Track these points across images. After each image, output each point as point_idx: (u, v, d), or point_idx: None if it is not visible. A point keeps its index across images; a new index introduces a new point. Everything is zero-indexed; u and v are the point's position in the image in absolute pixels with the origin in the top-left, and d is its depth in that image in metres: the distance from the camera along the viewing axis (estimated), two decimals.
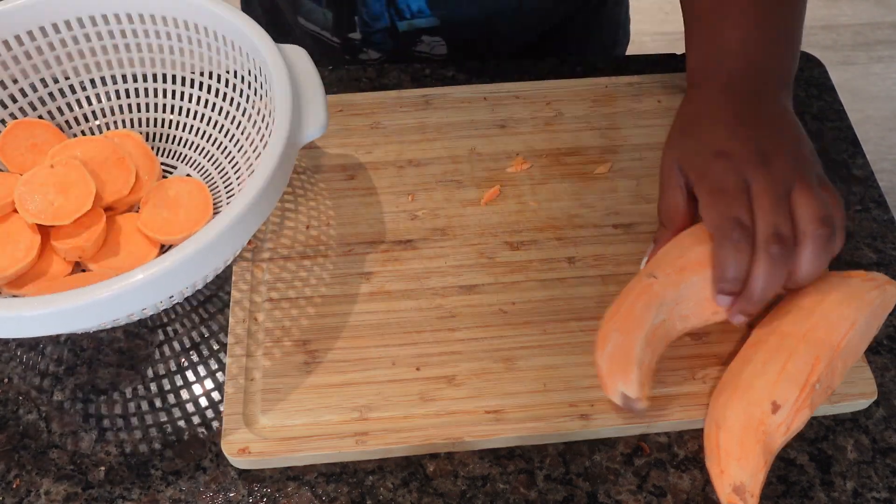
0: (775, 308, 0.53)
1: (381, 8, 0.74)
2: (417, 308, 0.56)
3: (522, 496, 0.50)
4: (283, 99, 0.52)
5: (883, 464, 0.52)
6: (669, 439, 0.52)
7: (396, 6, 0.74)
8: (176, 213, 0.58)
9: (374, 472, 0.51)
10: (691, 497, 0.50)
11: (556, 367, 0.54)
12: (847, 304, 0.50)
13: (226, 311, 0.58)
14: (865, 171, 0.66)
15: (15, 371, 0.56)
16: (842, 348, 0.49)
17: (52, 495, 0.50)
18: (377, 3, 0.74)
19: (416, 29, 0.76)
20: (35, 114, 0.62)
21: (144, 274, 0.44)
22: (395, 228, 0.60)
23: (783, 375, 0.48)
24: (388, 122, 0.67)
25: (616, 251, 0.59)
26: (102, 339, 0.57)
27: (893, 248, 0.61)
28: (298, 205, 0.62)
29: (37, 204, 0.56)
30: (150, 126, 0.65)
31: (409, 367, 0.54)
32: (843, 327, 0.49)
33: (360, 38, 0.78)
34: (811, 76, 0.72)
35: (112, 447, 0.52)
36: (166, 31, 0.60)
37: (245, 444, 0.50)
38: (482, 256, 0.59)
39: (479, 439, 0.51)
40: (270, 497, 0.50)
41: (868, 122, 1.78)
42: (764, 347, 0.50)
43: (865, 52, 1.93)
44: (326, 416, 0.52)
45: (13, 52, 0.59)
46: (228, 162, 0.62)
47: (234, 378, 0.53)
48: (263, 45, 0.54)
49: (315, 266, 0.59)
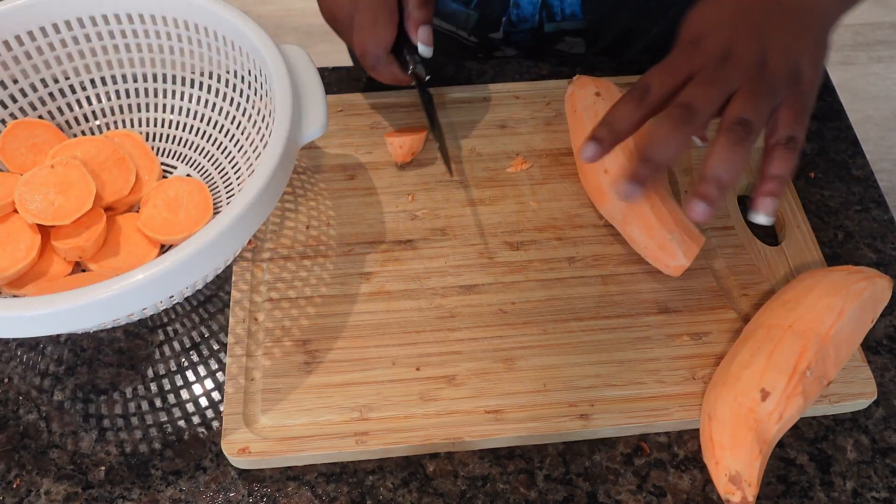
0: (763, 306, 0.53)
1: (533, 10, 0.74)
2: (417, 308, 0.56)
3: (522, 496, 0.50)
4: (283, 99, 0.52)
5: (883, 464, 0.52)
6: (669, 439, 0.52)
7: (550, 9, 0.74)
8: (176, 213, 0.58)
9: (374, 472, 0.51)
10: (691, 497, 0.50)
11: (556, 367, 0.54)
12: (833, 295, 0.51)
13: (226, 311, 0.58)
14: (865, 171, 0.66)
15: (15, 371, 0.56)
16: (831, 336, 0.49)
17: (52, 495, 0.50)
18: (530, 6, 0.74)
19: (562, 30, 0.76)
20: (35, 114, 0.62)
21: (144, 274, 0.44)
22: (395, 228, 0.60)
23: (770, 364, 0.49)
24: (388, 122, 0.67)
25: (616, 251, 0.59)
26: (102, 339, 0.57)
27: (893, 248, 0.61)
28: (298, 205, 0.62)
29: (37, 204, 0.56)
30: (150, 126, 0.65)
31: (409, 367, 0.54)
32: (829, 316, 0.50)
33: (501, 38, 0.78)
34: None
35: (112, 447, 0.52)
36: (166, 31, 0.60)
37: (245, 444, 0.50)
38: (482, 256, 0.59)
39: (479, 439, 0.51)
40: (270, 497, 0.50)
41: (868, 122, 1.78)
42: (751, 341, 0.51)
43: (865, 52, 1.93)
44: (326, 415, 0.52)
45: (13, 52, 0.59)
46: (228, 162, 0.62)
47: (234, 378, 0.53)
48: (263, 45, 0.54)
49: (315, 266, 0.59)
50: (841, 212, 0.63)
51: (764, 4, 0.50)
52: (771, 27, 0.49)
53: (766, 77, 0.47)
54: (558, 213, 0.61)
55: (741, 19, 0.50)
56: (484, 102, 0.68)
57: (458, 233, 0.60)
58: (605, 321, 0.56)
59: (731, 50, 0.48)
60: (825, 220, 0.63)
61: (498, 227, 0.61)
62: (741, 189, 0.63)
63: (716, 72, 0.47)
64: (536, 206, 0.62)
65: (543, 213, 0.61)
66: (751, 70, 0.47)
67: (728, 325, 0.56)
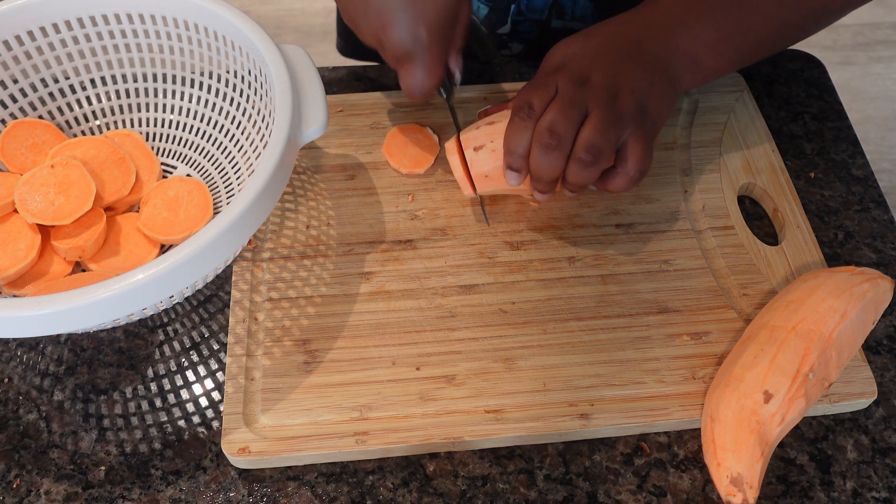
0: (765, 307, 0.53)
1: (543, 4, 0.75)
2: (417, 308, 0.56)
3: (522, 496, 0.50)
4: (283, 99, 0.52)
5: (883, 464, 0.52)
6: (669, 439, 0.52)
7: (560, 7, 0.75)
8: (176, 213, 0.58)
9: (374, 472, 0.51)
10: (691, 497, 0.50)
11: (556, 367, 0.54)
12: (836, 297, 0.51)
13: (226, 311, 0.58)
14: (865, 171, 0.66)
15: (15, 371, 0.56)
16: (834, 339, 0.49)
17: (52, 495, 0.50)
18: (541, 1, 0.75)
19: (569, 28, 0.77)
20: (35, 114, 0.62)
21: (144, 274, 0.44)
22: (395, 228, 0.60)
23: (774, 366, 0.49)
24: (388, 122, 0.67)
25: (616, 251, 0.59)
26: (102, 339, 0.57)
27: (893, 248, 0.61)
28: (298, 205, 0.62)
29: (37, 204, 0.56)
30: (150, 126, 0.65)
31: (409, 366, 0.54)
32: (832, 319, 0.50)
33: (509, 31, 0.78)
34: (811, 76, 0.72)
35: (112, 447, 0.52)
36: (166, 31, 0.60)
37: (245, 444, 0.50)
38: (482, 256, 0.59)
39: (479, 439, 0.51)
40: (270, 497, 0.50)
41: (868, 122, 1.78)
42: (754, 342, 0.51)
43: (865, 52, 1.93)
44: (326, 415, 0.52)
45: (13, 52, 0.59)
46: (228, 162, 0.62)
47: (234, 378, 0.53)
48: (263, 45, 0.54)
49: (315, 266, 0.59)
50: (841, 212, 0.63)
51: (625, 47, 0.56)
52: (627, 67, 0.54)
53: (617, 109, 0.52)
54: (558, 213, 0.61)
55: (602, 54, 0.55)
56: (484, 102, 0.68)
57: (458, 233, 0.60)
58: (605, 321, 0.56)
59: (589, 77, 0.54)
60: (825, 220, 0.63)
61: (498, 227, 0.61)
62: (740, 189, 0.63)
63: (574, 93, 0.53)
64: (536, 206, 0.62)
65: (543, 213, 0.61)
66: (603, 97, 0.52)
67: (728, 325, 0.56)
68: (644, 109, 0.53)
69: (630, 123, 0.53)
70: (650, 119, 0.54)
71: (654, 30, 0.57)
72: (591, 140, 0.51)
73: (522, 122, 0.53)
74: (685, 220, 0.61)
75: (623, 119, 0.52)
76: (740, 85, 0.69)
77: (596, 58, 0.55)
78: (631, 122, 0.53)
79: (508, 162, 0.54)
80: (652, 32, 0.57)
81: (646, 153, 0.53)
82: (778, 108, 0.70)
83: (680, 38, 0.57)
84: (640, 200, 0.62)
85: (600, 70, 0.54)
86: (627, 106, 0.53)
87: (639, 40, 0.56)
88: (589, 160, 0.51)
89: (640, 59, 0.55)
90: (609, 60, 0.55)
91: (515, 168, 0.54)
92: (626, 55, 0.55)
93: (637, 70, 0.55)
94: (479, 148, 0.56)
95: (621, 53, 0.55)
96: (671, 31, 0.57)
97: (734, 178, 0.63)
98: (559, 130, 0.51)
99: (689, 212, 0.61)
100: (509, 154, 0.54)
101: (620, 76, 0.54)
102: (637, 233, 0.60)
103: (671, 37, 0.57)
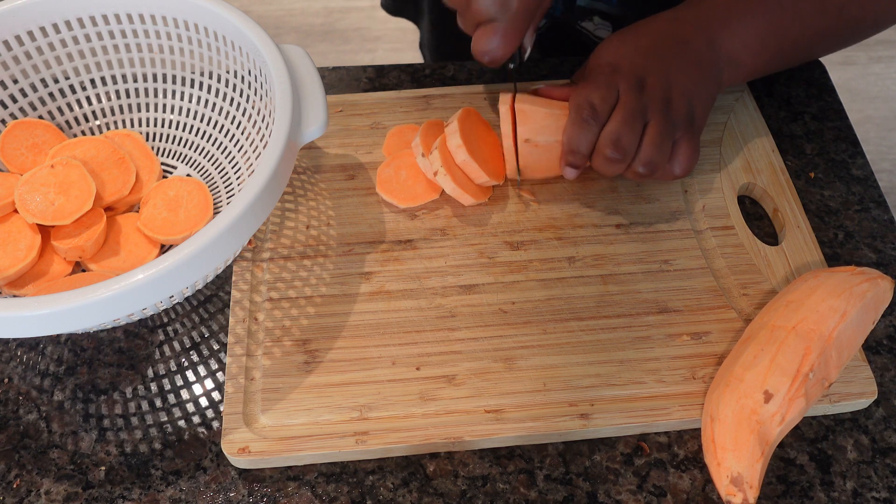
0: (765, 306, 0.53)
1: None
2: (417, 308, 0.56)
3: (522, 496, 0.50)
4: (283, 99, 0.52)
5: (883, 464, 0.52)
6: (669, 439, 0.52)
7: None
8: (176, 213, 0.58)
9: (374, 472, 0.51)
10: (691, 497, 0.50)
11: (556, 367, 0.54)
12: (836, 297, 0.51)
13: (226, 311, 0.58)
14: (865, 171, 0.66)
15: (15, 371, 0.56)
16: (834, 339, 0.49)
17: (52, 495, 0.50)
18: None
19: (594, 9, 0.77)
20: (35, 114, 0.62)
21: (144, 274, 0.44)
22: (395, 228, 0.60)
23: (774, 366, 0.49)
24: (388, 122, 0.67)
25: (616, 251, 0.59)
26: (102, 339, 0.57)
27: (893, 248, 0.61)
28: (298, 205, 0.62)
29: (37, 204, 0.56)
30: (150, 126, 0.65)
31: (409, 366, 0.54)
32: (833, 318, 0.50)
33: None
34: (811, 76, 0.72)
35: (112, 447, 0.52)
36: (166, 31, 0.60)
37: (245, 444, 0.50)
38: (482, 256, 0.59)
39: (479, 439, 0.51)
40: (270, 497, 0.50)
41: (868, 122, 1.78)
42: (754, 342, 0.51)
43: (865, 53, 1.93)
44: (326, 415, 0.52)
45: (13, 52, 0.59)
46: (228, 162, 0.62)
47: (234, 377, 0.53)
48: (263, 45, 0.54)
49: (315, 266, 0.59)
50: (841, 212, 0.63)
51: (674, 46, 0.58)
52: (678, 68, 0.57)
53: (671, 116, 0.55)
54: (558, 213, 0.61)
55: (655, 54, 0.57)
56: (484, 103, 0.68)
57: (458, 233, 0.60)
58: (605, 321, 0.56)
59: (646, 81, 0.56)
60: (825, 220, 0.63)
61: (498, 228, 0.61)
62: (740, 189, 0.63)
63: (636, 102, 0.55)
64: (536, 206, 0.62)
65: (543, 213, 0.61)
66: (660, 106, 0.55)
67: (728, 325, 0.56)
68: (693, 111, 0.57)
69: (681, 127, 0.56)
70: (698, 120, 0.57)
71: (699, 28, 0.59)
72: (650, 157, 0.55)
73: (586, 124, 0.55)
74: (685, 220, 0.61)
75: (676, 125, 0.56)
76: (740, 85, 0.69)
77: (648, 58, 0.57)
78: (681, 126, 0.56)
79: (569, 160, 0.56)
80: (697, 30, 0.59)
81: (693, 153, 0.57)
82: (778, 108, 0.70)
83: (723, 37, 0.59)
84: (640, 200, 0.62)
85: (655, 73, 0.56)
86: (679, 110, 0.56)
87: (686, 38, 0.59)
88: (646, 172, 0.56)
89: (688, 57, 0.58)
90: (661, 61, 0.57)
91: (575, 166, 0.56)
92: (676, 55, 0.58)
93: (687, 70, 0.57)
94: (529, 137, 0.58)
95: (671, 53, 0.58)
96: (715, 30, 0.59)
97: (734, 178, 0.63)
98: (624, 144, 0.54)
99: (689, 212, 0.62)
100: (571, 153, 0.56)
101: (672, 77, 0.56)
102: (637, 233, 0.60)
103: (714, 36, 0.59)
